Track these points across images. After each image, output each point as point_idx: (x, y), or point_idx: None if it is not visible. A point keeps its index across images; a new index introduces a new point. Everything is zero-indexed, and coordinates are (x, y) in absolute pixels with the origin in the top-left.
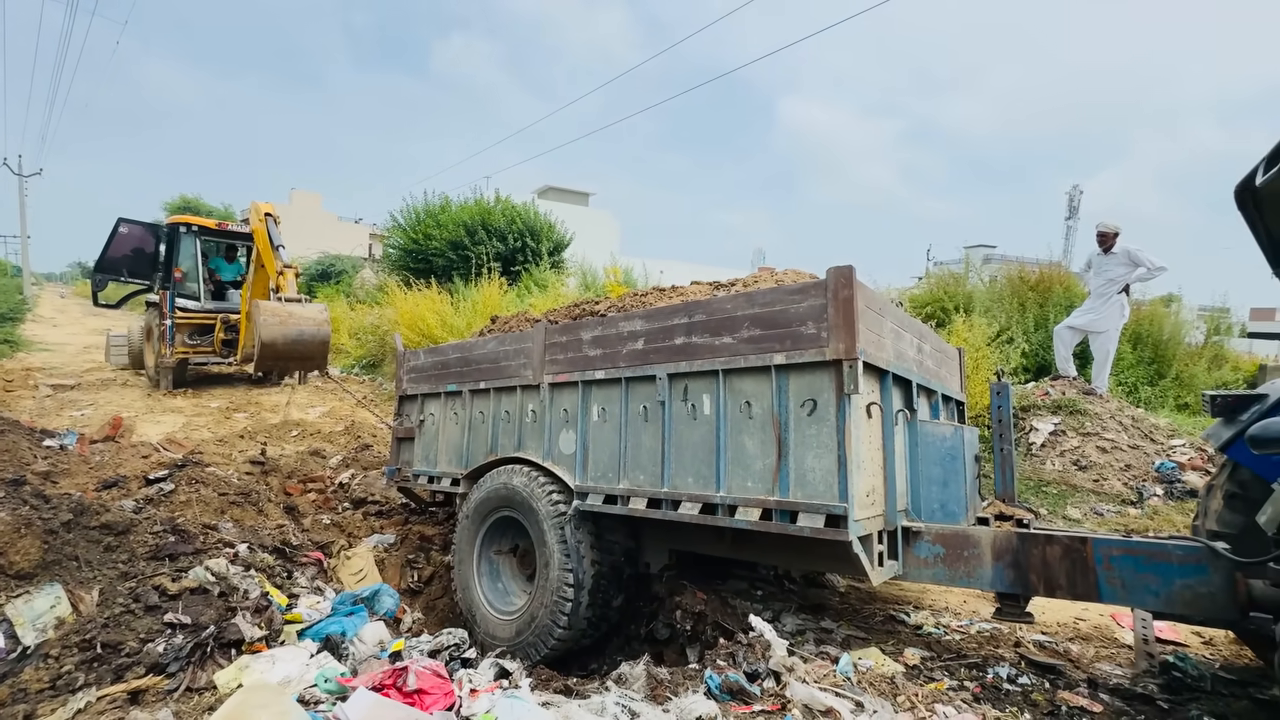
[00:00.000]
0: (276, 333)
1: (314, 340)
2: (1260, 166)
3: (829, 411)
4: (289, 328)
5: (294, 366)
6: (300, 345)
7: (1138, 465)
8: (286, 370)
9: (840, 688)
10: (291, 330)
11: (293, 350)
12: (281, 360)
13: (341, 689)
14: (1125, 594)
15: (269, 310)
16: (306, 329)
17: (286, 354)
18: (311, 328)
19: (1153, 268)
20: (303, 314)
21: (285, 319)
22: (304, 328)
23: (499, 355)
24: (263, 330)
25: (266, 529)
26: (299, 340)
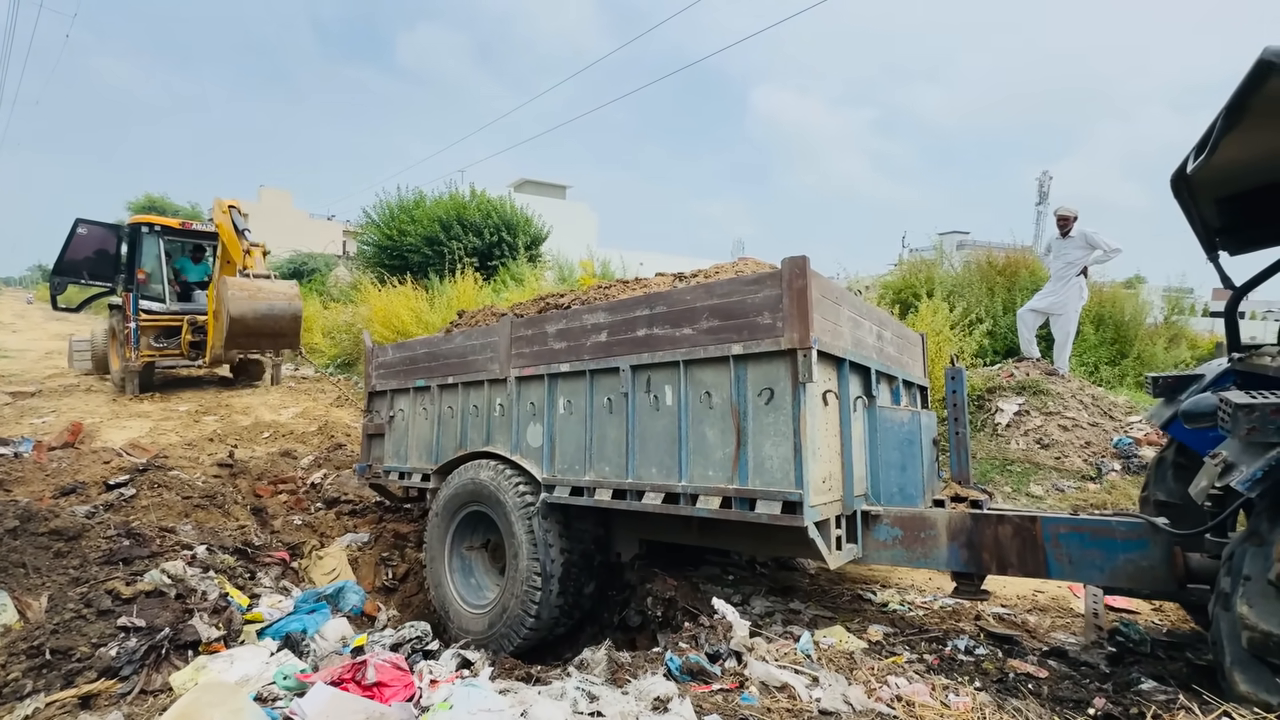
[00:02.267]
0: (245, 307)
1: (285, 315)
2: (1190, 155)
3: (785, 400)
4: (259, 302)
5: (265, 344)
6: (271, 320)
7: (1097, 442)
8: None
9: (800, 665)
10: (261, 305)
11: (263, 325)
12: (252, 337)
13: (300, 685)
14: (1072, 570)
15: (237, 285)
16: (277, 303)
17: (257, 329)
18: (283, 302)
19: (1109, 249)
20: (273, 289)
21: (254, 293)
22: (274, 302)
23: (466, 350)
24: (231, 305)
25: (228, 530)
26: (270, 315)
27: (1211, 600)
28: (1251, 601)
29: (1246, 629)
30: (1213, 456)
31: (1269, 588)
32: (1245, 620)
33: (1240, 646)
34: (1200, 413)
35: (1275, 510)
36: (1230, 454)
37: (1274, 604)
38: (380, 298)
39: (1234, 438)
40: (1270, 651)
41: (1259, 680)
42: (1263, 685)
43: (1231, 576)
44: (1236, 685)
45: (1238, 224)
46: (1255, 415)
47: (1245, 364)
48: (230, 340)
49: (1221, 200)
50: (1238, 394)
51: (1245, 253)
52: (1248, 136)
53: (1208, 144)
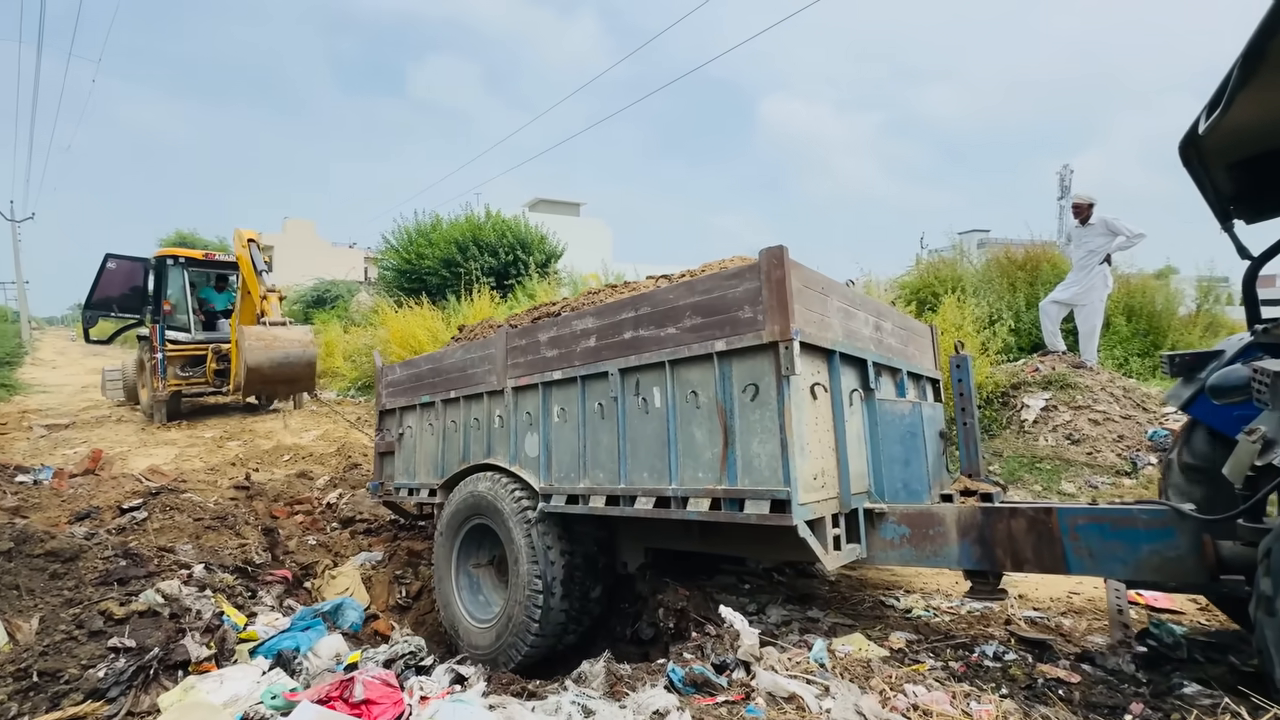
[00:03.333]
0: (262, 357)
1: (300, 362)
2: (1201, 115)
3: (770, 395)
4: (274, 351)
5: (282, 390)
6: (286, 368)
7: (1131, 435)
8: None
9: (812, 674)
10: (277, 354)
11: (279, 373)
12: (268, 384)
13: (289, 705)
14: (1093, 564)
15: (253, 335)
16: (292, 351)
17: (273, 377)
18: (297, 349)
19: (1131, 235)
20: (288, 336)
21: (270, 343)
22: (289, 350)
23: (466, 363)
24: (248, 355)
25: (228, 549)
26: (285, 363)
27: (1252, 602)
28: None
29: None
30: (1249, 432)
31: None
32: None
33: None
34: (1230, 386)
35: None
36: (1269, 428)
37: None
38: (397, 320)
39: (1272, 410)
40: None
41: None
42: None
43: (1272, 576)
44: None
45: (1253, 190)
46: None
47: (1271, 335)
48: (248, 387)
49: (1235, 165)
50: (1274, 361)
51: (1262, 220)
52: (1266, 89)
53: (1221, 100)
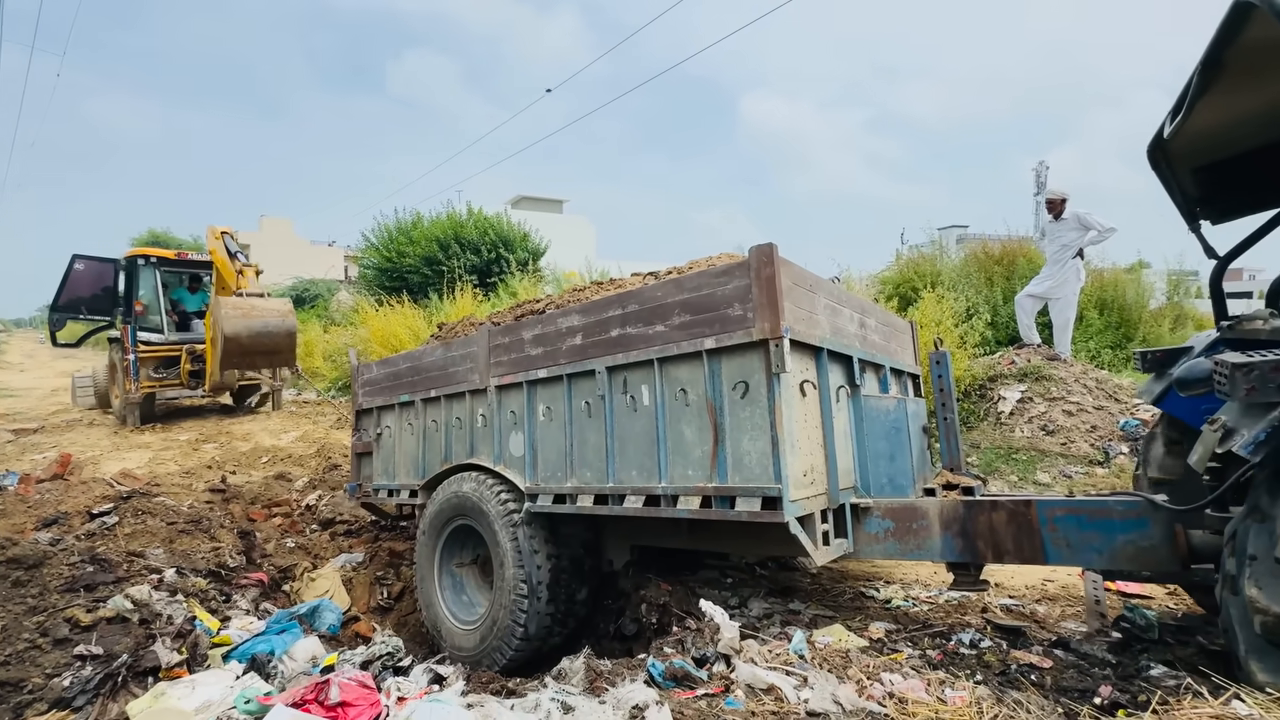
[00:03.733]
0: (240, 325)
1: (280, 332)
2: (1166, 120)
3: (760, 393)
4: (253, 320)
5: (261, 362)
6: (266, 338)
7: (1103, 426)
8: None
9: (791, 665)
10: (255, 322)
11: (258, 343)
12: (248, 355)
13: (262, 709)
14: (1071, 554)
15: (230, 304)
16: (271, 320)
17: (252, 347)
18: (276, 319)
19: (1102, 229)
20: (266, 306)
21: (248, 311)
22: (268, 319)
23: (447, 361)
24: (225, 324)
25: (202, 553)
26: (264, 332)
27: (1219, 583)
28: (1260, 583)
29: (1258, 613)
30: (1210, 422)
31: (1278, 566)
32: (1256, 604)
33: (1254, 632)
34: (1195, 379)
35: (1275, 482)
36: (1229, 418)
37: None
38: (378, 319)
39: (1232, 400)
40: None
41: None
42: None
43: (1236, 557)
44: (1254, 674)
45: (1217, 192)
46: (1254, 374)
47: (1236, 331)
48: (226, 359)
49: (1200, 169)
50: (1234, 354)
51: (1226, 221)
52: (1224, 96)
53: (1183, 106)
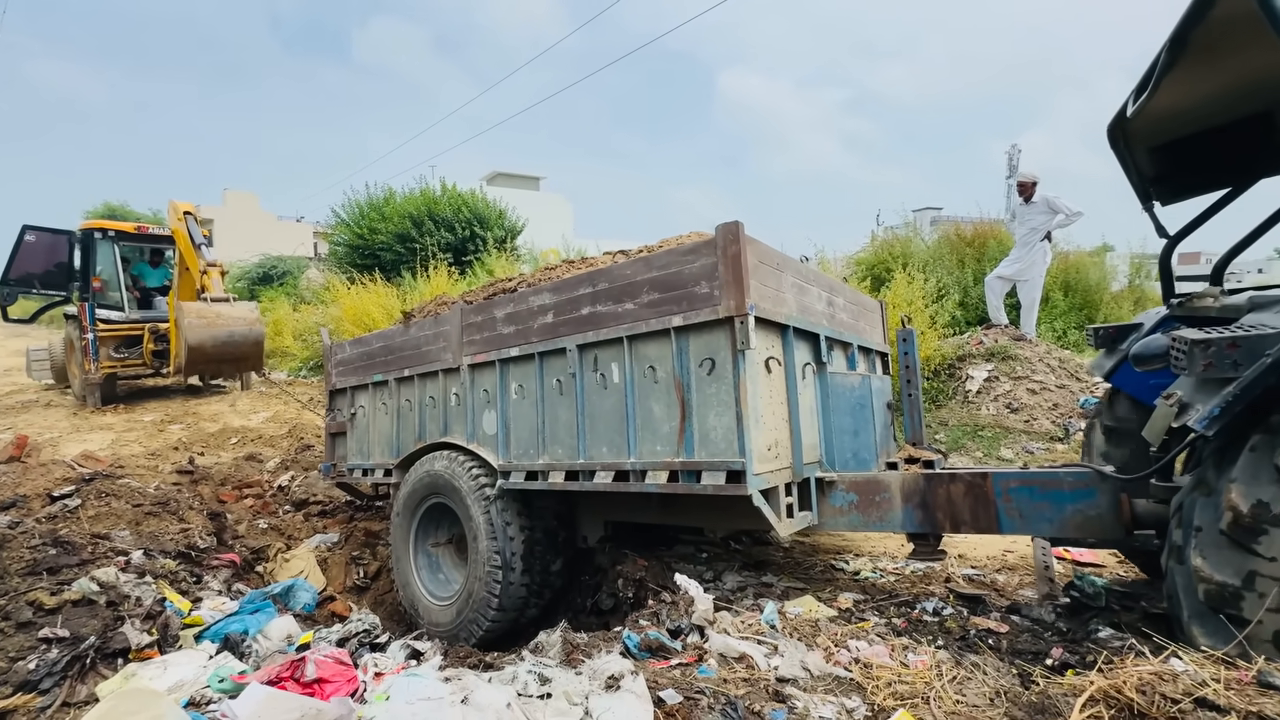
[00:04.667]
0: (204, 335)
1: (246, 341)
2: (1130, 99)
3: (726, 369)
4: (217, 329)
5: (227, 370)
6: (231, 347)
7: (1064, 404)
8: (220, 373)
9: (763, 635)
10: (220, 332)
11: (223, 352)
12: (212, 364)
13: (237, 687)
14: (1023, 523)
15: (194, 312)
16: (237, 329)
17: (217, 356)
18: (242, 328)
19: (1070, 213)
20: (232, 314)
21: (212, 320)
22: (234, 328)
23: (420, 341)
24: (188, 334)
25: (170, 535)
26: (229, 342)
27: (1164, 553)
28: (1205, 553)
29: (1202, 581)
30: (1166, 397)
31: (1221, 537)
32: (1200, 573)
33: (1197, 600)
34: (1151, 354)
35: (1221, 457)
36: (1184, 393)
37: (1227, 554)
38: (350, 297)
39: (1187, 376)
40: (1226, 603)
41: (1218, 633)
42: (1221, 638)
43: (1183, 529)
44: (1196, 638)
45: (1171, 172)
46: (1211, 350)
47: (1185, 308)
48: (190, 367)
49: (1155, 149)
50: (1191, 331)
51: (1177, 201)
52: (1188, 75)
53: (1148, 84)
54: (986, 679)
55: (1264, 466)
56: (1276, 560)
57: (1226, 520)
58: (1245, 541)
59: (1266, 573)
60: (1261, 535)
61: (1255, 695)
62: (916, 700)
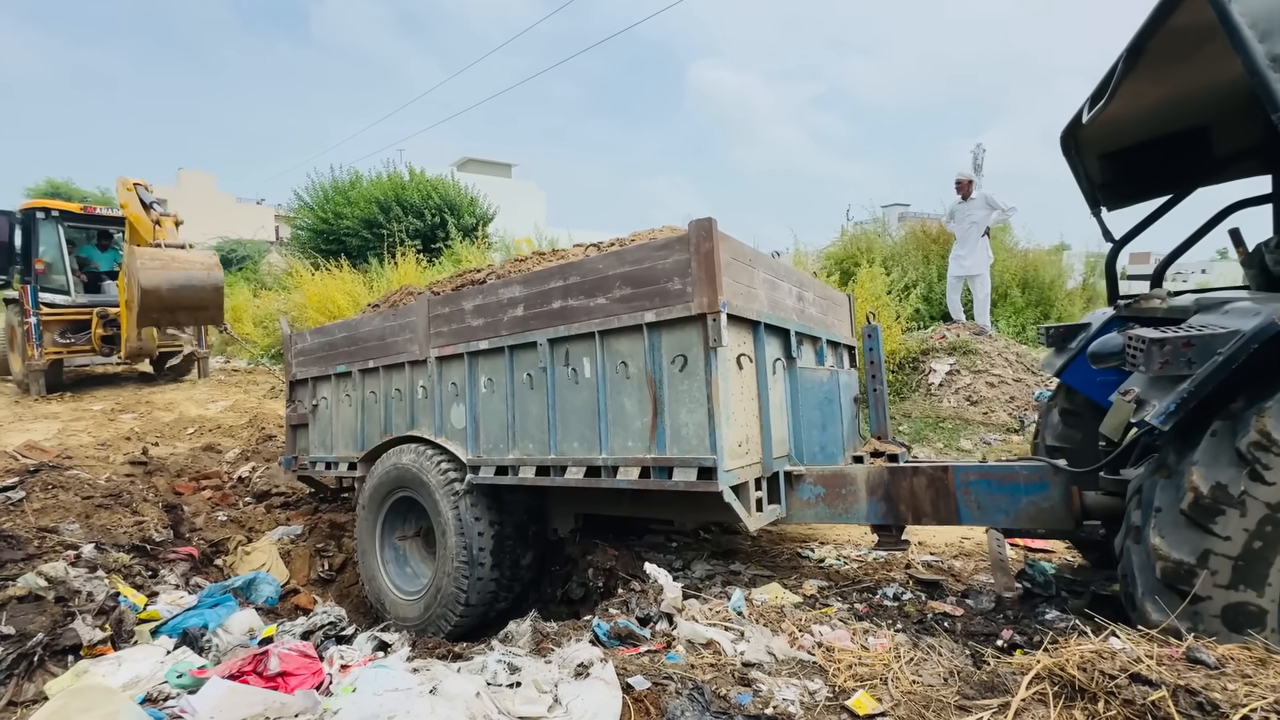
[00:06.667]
0: (159, 278)
1: (205, 286)
2: (1085, 106)
3: (698, 366)
4: (173, 272)
5: (184, 319)
6: (189, 292)
7: (1021, 397)
8: (177, 323)
9: (730, 622)
10: (178, 275)
11: (180, 298)
12: (168, 311)
13: (196, 682)
14: (981, 515)
15: (148, 255)
16: (195, 273)
17: (173, 302)
18: (200, 272)
19: (1006, 209)
20: (189, 258)
21: (168, 263)
22: (191, 272)
23: (385, 331)
24: (142, 276)
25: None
26: (188, 286)
27: (1120, 534)
28: (1164, 532)
29: (1160, 559)
30: (1124, 393)
31: (1180, 517)
32: (1158, 551)
33: (1153, 577)
34: (1108, 353)
35: (1181, 442)
36: (1141, 389)
37: (1185, 533)
38: (315, 283)
39: (1143, 373)
40: (1181, 579)
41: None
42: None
43: (1142, 510)
44: (1149, 615)
45: (1118, 180)
46: (1167, 349)
47: (1132, 309)
48: (144, 315)
49: (1104, 156)
50: (1148, 330)
51: (1123, 207)
52: (1141, 84)
53: (1105, 92)
54: (941, 660)
55: (1224, 450)
56: (1231, 539)
57: (1187, 501)
58: (1203, 521)
59: (1220, 551)
60: (1219, 515)
61: (1184, 670)
62: (875, 681)
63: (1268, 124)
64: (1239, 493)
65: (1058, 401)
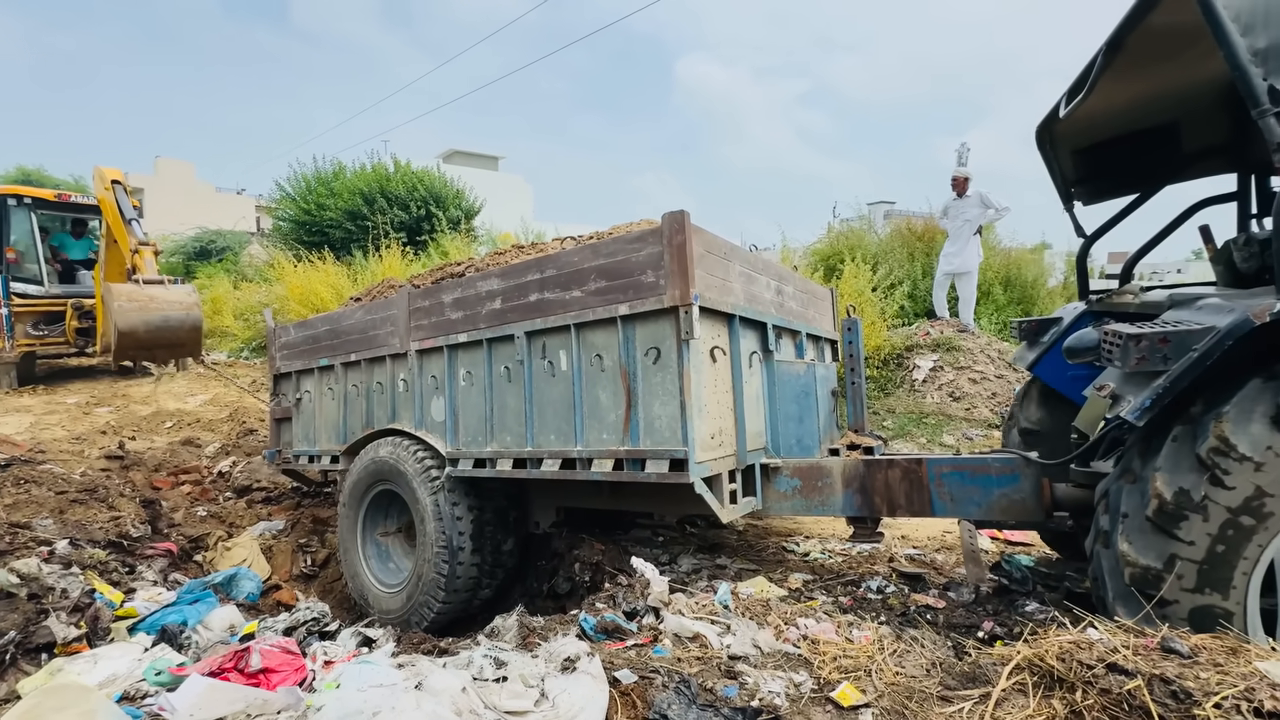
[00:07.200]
0: (135, 320)
1: (183, 326)
2: (1062, 101)
3: (671, 359)
4: (150, 313)
5: (161, 356)
6: (166, 332)
7: (1002, 393)
8: (154, 359)
9: (716, 615)
10: (154, 316)
11: (157, 339)
12: (145, 350)
13: (175, 680)
14: (954, 507)
15: (124, 295)
16: (173, 314)
17: (150, 342)
18: (179, 312)
19: (1000, 208)
20: (166, 298)
21: (145, 304)
22: (169, 313)
23: (366, 325)
24: (119, 318)
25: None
26: (164, 327)
27: (1090, 538)
28: (1131, 538)
29: (1128, 565)
30: (1099, 388)
31: (1147, 523)
32: (1126, 557)
33: (1122, 582)
34: (1084, 348)
35: (1146, 446)
36: (1116, 384)
37: (1151, 539)
38: (297, 275)
39: (1119, 368)
40: (1149, 584)
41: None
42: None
43: (1110, 515)
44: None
45: (1090, 175)
46: (1143, 345)
47: (1104, 304)
48: (120, 353)
49: (1078, 152)
50: (1125, 326)
51: (1096, 203)
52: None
53: (1083, 86)
54: (924, 651)
55: (1185, 456)
56: (1195, 544)
57: (1152, 507)
58: (1168, 527)
59: (1185, 555)
60: (1182, 521)
61: (1159, 659)
62: (860, 673)
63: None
64: (1200, 498)
65: (1029, 394)
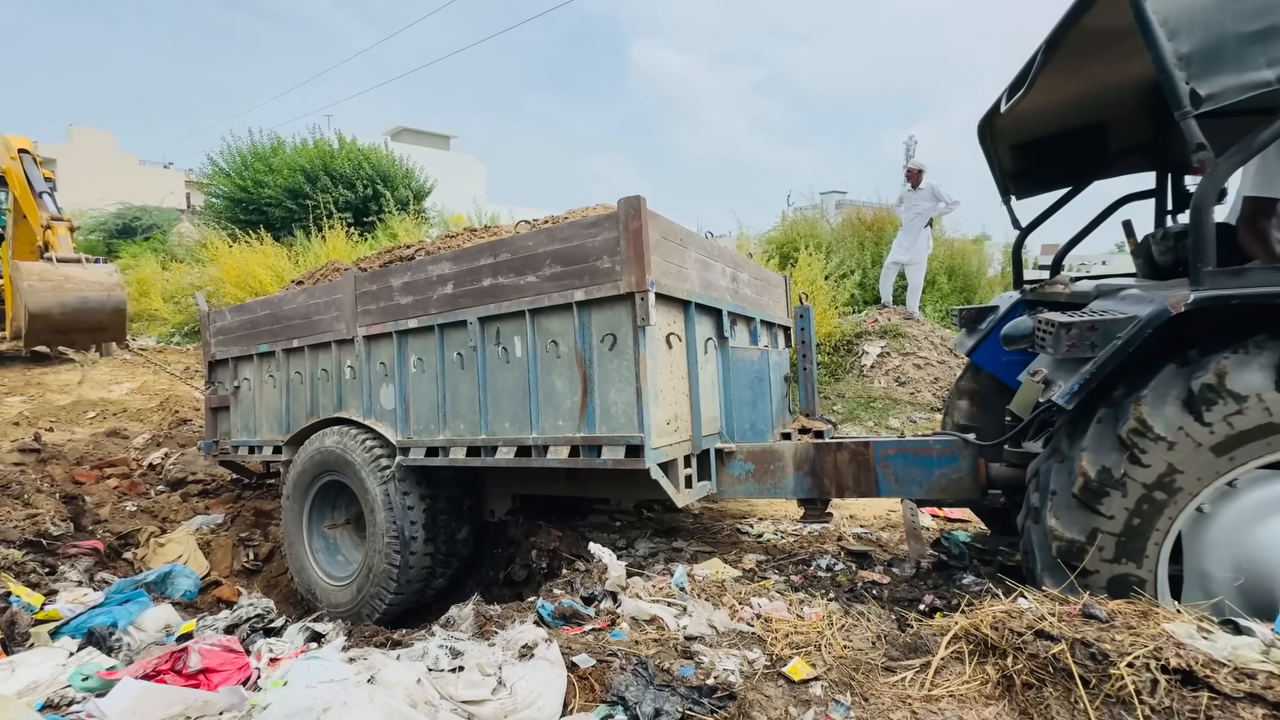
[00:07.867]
0: (49, 301)
1: (103, 309)
2: (1003, 97)
3: (627, 345)
4: (66, 294)
5: (81, 340)
6: (85, 315)
7: (944, 378)
8: (72, 344)
9: (673, 598)
10: (70, 297)
11: (75, 321)
12: (60, 334)
13: (105, 684)
14: (899, 487)
15: (36, 274)
16: (92, 295)
17: (66, 326)
18: (99, 293)
19: (950, 201)
20: (84, 277)
21: (60, 284)
22: (88, 294)
23: (310, 309)
24: (29, 298)
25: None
26: (82, 309)
27: (1022, 514)
28: (1058, 514)
29: (1055, 539)
30: (1032, 374)
31: (1073, 500)
32: (1054, 531)
33: (1050, 555)
34: (1019, 335)
35: (1073, 428)
36: (1048, 370)
37: (1077, 514)
38: (233, 256)
39: (1050, 355)
40: (1074, 556)
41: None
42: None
43: (1040, 492)
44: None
45: (1027, 170)
46: (1073, 332)
47: (1037, 294)
48: (31, 338)
49: (1016, 147)
50: (1057, 314)
51: (1031, 196)
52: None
53: (1023, 83)
54: (870, 625)
55: (1108, 436)
56: (1114, 518)
57: (1078, 484)
58: (1091, 503)
59: (1106, 529)
60: (1104, 497)
61: (1080, 625)
62: (810, 648)
63: (1156, 123)
64: (1120, 475)
65: (966, 379)
